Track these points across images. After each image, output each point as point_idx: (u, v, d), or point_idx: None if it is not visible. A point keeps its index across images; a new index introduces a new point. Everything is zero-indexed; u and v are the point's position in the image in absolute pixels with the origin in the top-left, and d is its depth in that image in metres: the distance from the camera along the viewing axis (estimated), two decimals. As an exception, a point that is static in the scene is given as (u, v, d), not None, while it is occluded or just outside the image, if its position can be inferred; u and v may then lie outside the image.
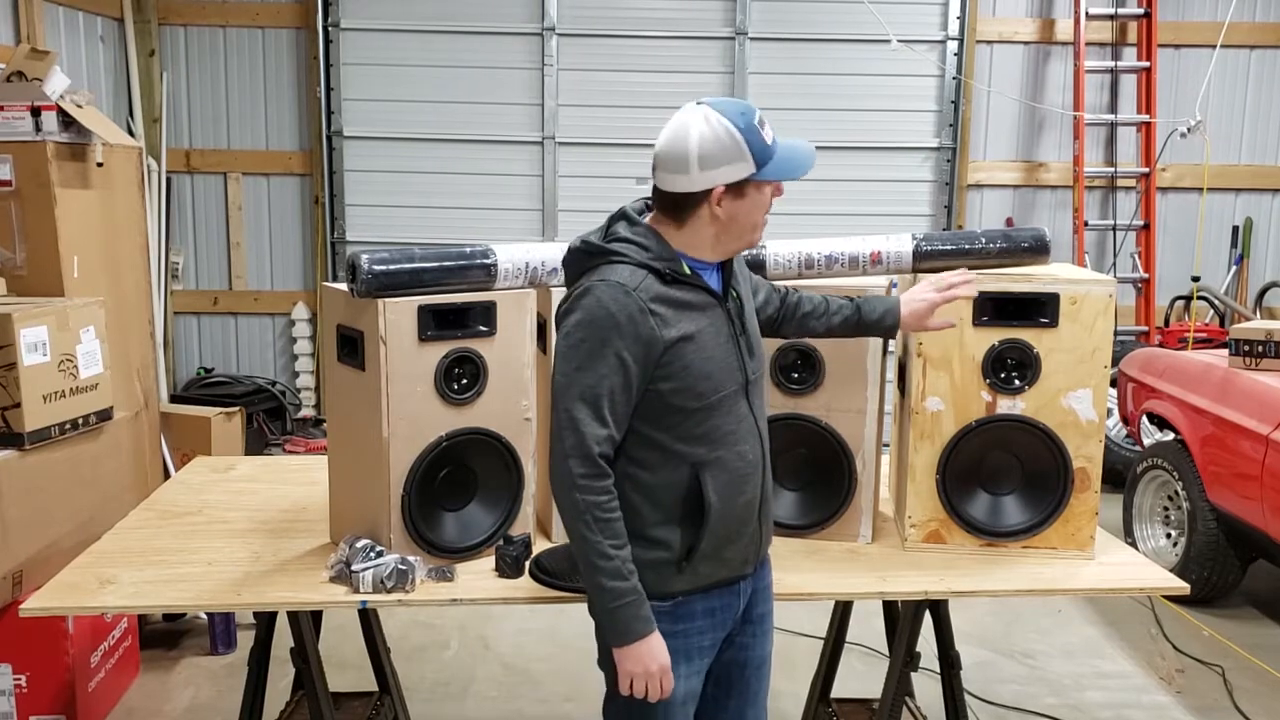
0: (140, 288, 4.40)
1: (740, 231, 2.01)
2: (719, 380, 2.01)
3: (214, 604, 2.35)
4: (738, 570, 2.12)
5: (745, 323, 2.09)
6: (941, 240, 2.65)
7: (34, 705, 3.35)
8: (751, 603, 2.19)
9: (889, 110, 6.77)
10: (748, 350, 2.08)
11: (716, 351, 2.01)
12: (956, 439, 2.57)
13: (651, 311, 1.93)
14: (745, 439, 2.06)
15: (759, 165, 1.94)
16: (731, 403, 2.04)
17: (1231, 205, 7.07)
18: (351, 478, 2.53)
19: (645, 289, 1.93)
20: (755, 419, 2.09)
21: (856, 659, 3.89)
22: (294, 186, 6.85)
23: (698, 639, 2.09)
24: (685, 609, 2.07)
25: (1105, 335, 2.52)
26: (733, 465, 2.04)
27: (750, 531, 2.10)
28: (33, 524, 3.33)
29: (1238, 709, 3.73)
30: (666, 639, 2.02)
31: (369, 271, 2.30)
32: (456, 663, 4.02)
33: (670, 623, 2.05)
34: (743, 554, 2.11)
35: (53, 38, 5.39)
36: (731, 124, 1.93)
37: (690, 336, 1.97)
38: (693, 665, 2.10)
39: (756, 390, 2.11)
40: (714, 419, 2.01)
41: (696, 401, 1.99)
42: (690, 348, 1.97)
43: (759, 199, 1.99)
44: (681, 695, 2.09)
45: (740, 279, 2.15)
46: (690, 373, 1.97)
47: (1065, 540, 2.59)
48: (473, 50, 6.67)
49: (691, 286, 1.99)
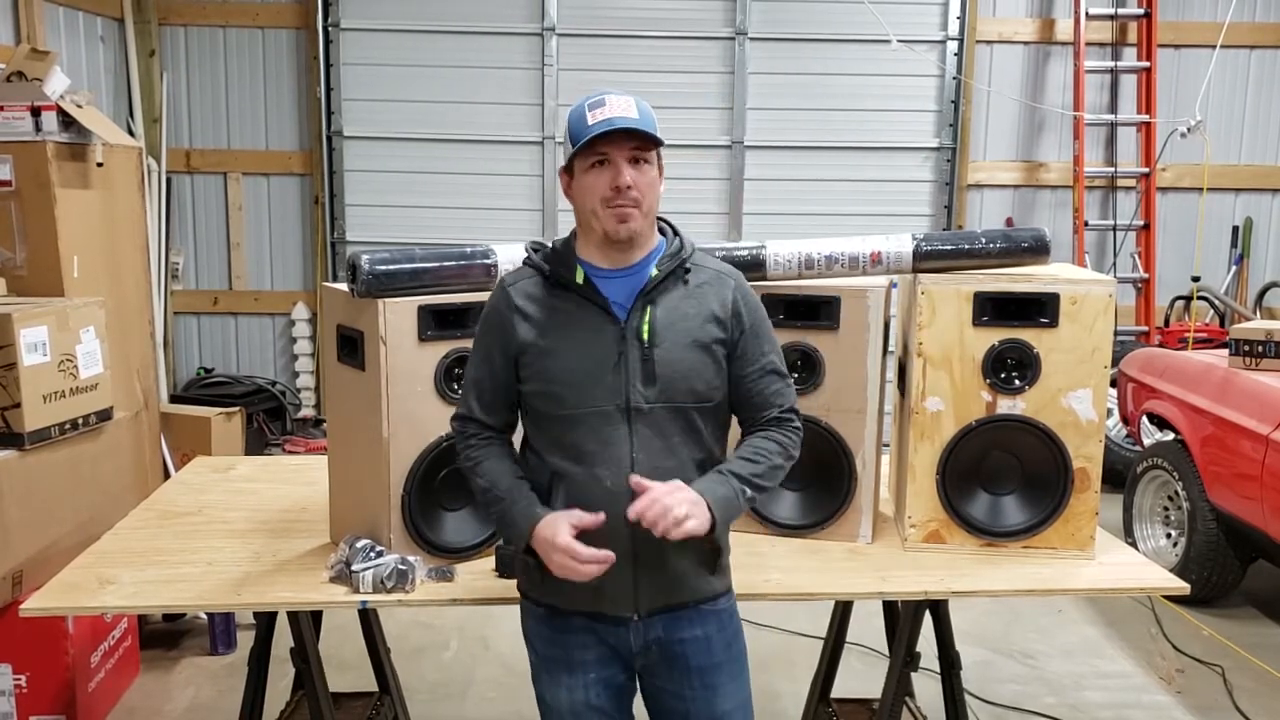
0: (140, 288, 4.40)
1: (586, 217, 1.96)
2: (581, 396, 1.93)
3: (214, 604, 2.35)
4: (607, 607, 1.98)
5: (651, 347, 1.94)
6: (941, 240, 2.65)
7: (34, 705, 3.35)
8: (676, 653, 2.03)
9: (889, 110, 6.77)
10: (642, 376, 1.93)
11: (585, 364, 1.94)
12: (956, 439, 2.57)
13: (518, 309, 1.98)
14: (606, 464, 1.93)
15: (573, 145, 1.92)
16: (598, 423, 1.94)
17: (1231, 205, 7.07)
18: (351, 478, 2.53)
19: (521, 287, 2.01)
20: (632, 448, 1.93)
21: (856, 659, 3.89)
22: (294, 186, 6.85)
23: (579, 653, 2.03)
24: (562, 620, 2.03)
25: (1105, 335, 2.52)
26: (586, 487, 1.94)
27: (616, 572, 1.91)
28: (33, 524, 3.33)
29: (1238, 709, 3.73)
30: (547, 645, 2.05)
31: (369, 271, 2.30)
32: (456, 663, 4.02)
33: (549, 628, 2.04)
34: (609, 592, 1.95)
35: (53, 38, 5.39)
36: (572, 109, 1.94)
37: (549, 342, 1.96)
38: (576, 678, 2.03)
39: (650, 421, 1.94)
40: (574, 434, 1.95)
41: (555, 409, 1.96)
42: (549, 354, 1.96)
43: (583, 181, 1.93)
44: (567, 705, 2.03)
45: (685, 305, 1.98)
46: (545, 378, 1.96)
47: (1065, 540, 2.59)
48: (473, 50, 6.67)
49: (579, 296, 1.96)
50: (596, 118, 1.89)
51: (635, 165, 1.92)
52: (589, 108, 1.91)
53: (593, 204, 1.92)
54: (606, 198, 1.91)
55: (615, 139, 1.89)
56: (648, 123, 1.92)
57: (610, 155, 1.90)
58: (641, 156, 1.93)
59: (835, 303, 2.57)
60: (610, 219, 1.92)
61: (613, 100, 1.92)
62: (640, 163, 1.92)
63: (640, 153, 1.92)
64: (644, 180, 1.93)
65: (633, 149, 1.91)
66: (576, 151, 1.91)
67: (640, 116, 1.91)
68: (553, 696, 2.06)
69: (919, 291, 2.55)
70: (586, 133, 1.89)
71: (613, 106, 1.90)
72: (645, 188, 1.93)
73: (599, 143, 1.89)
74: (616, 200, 1.91)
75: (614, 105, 1.91)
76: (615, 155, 1.90)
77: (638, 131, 1.90)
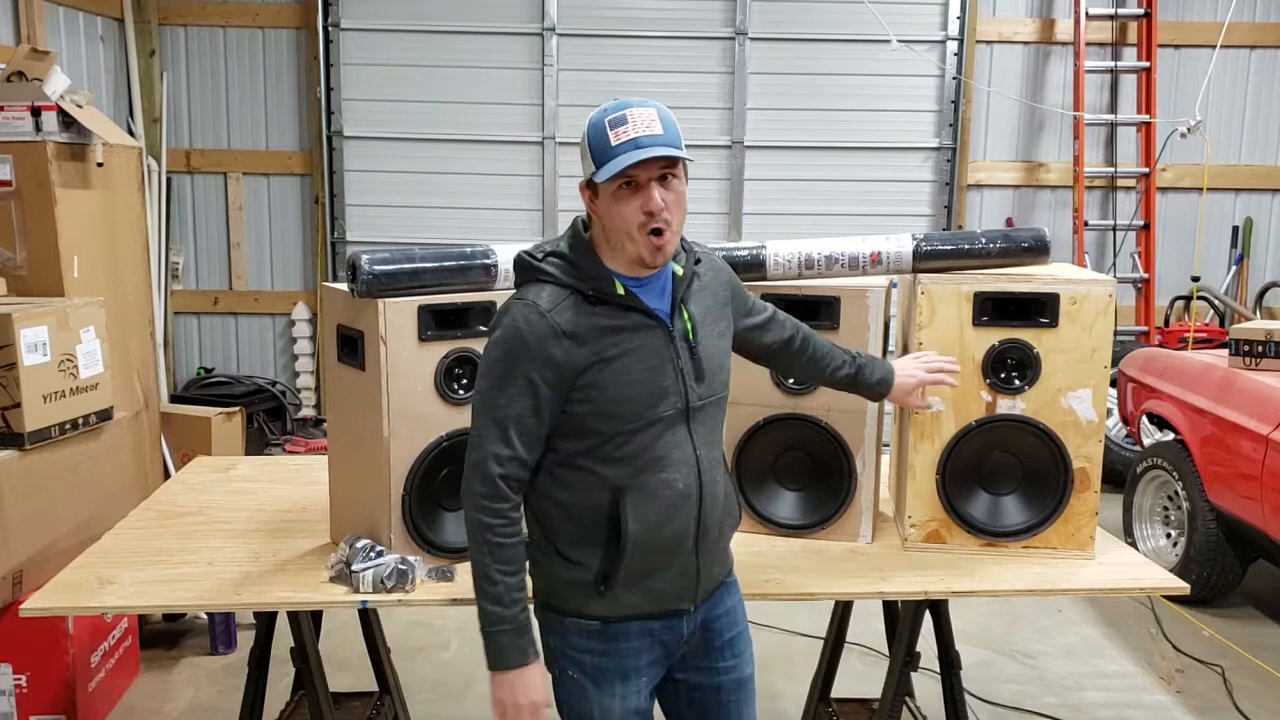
0: (140, 288, 4.40)
1: (617, 239, 1.87)
2: (643, 405, 1.90)
3: (214, 604, 2.35)
4: (669, 604, 2.01)
5: (696, 346, 1.95)
6: (941, 240, 2.65)
7: (34, 705, 3.35)
8: (714, 630, 2.08)
9: (889, 110, 6.77)
10: (694, 375, 1.94)
11: (645, 375, 1.90)
12: (956, 439, 2.57)
13: (566, 334, 1.86)
14: (675, 467, 1.93)
15: (597, 166, 1.83)
16: (662, 428, 1.92)
17: (1231, 205, 7.07)
18: (351, 478, 2.53)
19: (562, 311, 1.87)
20: (695, 447, 1.95)
21: (856, 659, 3.89)
22: (294, 186, 6.85)
23: (633, 659, 2.01)
24: (616, 629, 1.99)
25: (1105, 335, 2.52)
26: (658, 493, 1.92)
27: (681, 564, 1.98)
28: (33, 524, 3.33)
29: (1238, 709, 3.73)
30: (599, 658, 1.99)
31: (369, 271, 2.30)
32: (456, 663, 4.02)
33: (600, 641, 1.99)
34: (674, 587, 1.99)
35: (53, 38, 5.39)
36: (591, 122, 1.86)
37: (608, 360, 1.88)
38: (629, 685, 2.01)
39: (703, 417, 1.97)
40: (637, 443, 1.91)
41: (616, 425, 1.90)
42: (608, 372, 1.88)
43: (611, 204, 1.84)
44: (619, 713, 2.01)
45: (704, 296, 2.01)
46: (607, 397, 1.89)
47: (1065, 540, 2.59)
48: (473, 50, 6.67)
49: (621, 308, 1.90)
50: (620, 137, 1.80)
51: (664, 184, 1.84)
52: (610, 125, 1.82)
53: (627, 228, 1.84)
54: (642, 223, 1.83)
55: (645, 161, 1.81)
56: (673, 137, 1.83)
57: (638, 178, 1.82)
58: (671, 174, 1.85)
59: (835, 303, 2.56)
60: (647, 247, 1.85)
61: (635, 116, 1.82)
62: (669, 179, 1.85)
63: (670, 170, 1.84)
64: (673, 198, 1.85)
65: (662, 168, 1.83)
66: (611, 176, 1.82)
67: (665, 131, 1.82)
68: (603, 709, 2.01)
69: (919, 291, 2.55)
70: (612, 156, 1.80)
71: (636, 123, 1.81)
72: (675, 206, 1.86)
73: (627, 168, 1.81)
74: (651, 224, 1.83)
75: (637, 122, 1.81)
76: (644, 177, 1.82)
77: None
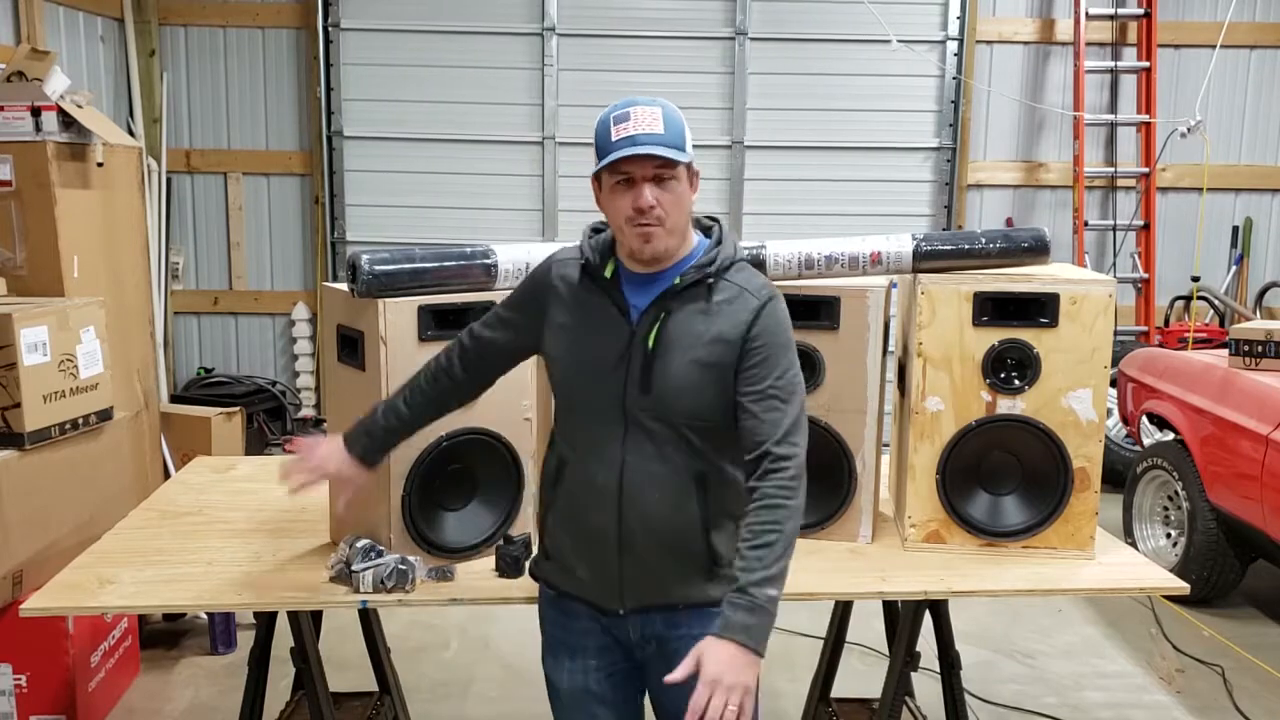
0: (140, 288, 4.40)
1: (616, 230, 1.94)
2: (582, 386, 1.98)
3: (214, 604, 2.35)
4: (594, 597, 2.02)
5: (652, 357, 1.91)
6: (941, 240, 2.65)
7: (34, 705, 3.35)
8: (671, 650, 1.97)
9: (889, 110, 6.76)
10: (640, 383, 1.92)
11: (592, 359, 1.95)
12: (956, 439, 2.57)
13: (553, 286, 2.03)
14: (601, 462, 1.95)
15: (598, 159, 1.89)
16: (596, 418, 1.96)
17: (1231, 205, 7.07)
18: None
19: (566, 266, 2.03)
20: (624, 452, 1.93)
21: (856, 659, 3.89)
22: (294, 186, 6.85)
23: (581, 639, 2.07)
24: (567, 604, 2.08)
25: (1105, 335, 2.52)
26: (583, 479, 1.99)
27: (601, 561, 1.98)
28: (33, 524, 3.33)
29: (1238, 709, 3.73)
30: (552, 626, 2.12)
31: (369, 271, 2.30)
32: (456, 663, 4.02)
33: (555, 610, 2.11)
34: (596, 582, 2.00)
35: (53, 38, 5.39)
36: (600, 116, 1.91)
37: (568, 329, 2.00)
38: (576, 662, 2.08)
39: (642, 427, 1.93)
40: (576, 422, 2.02)
41: (563, 396, 2.05)
42: (566, 340, 2.00)
43: (609, 197, 1.90)
44: (567, 687, 2.09)
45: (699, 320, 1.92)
46: (559, 365, 2.03)
47: (1065, 540, 2.59)
48: (473, 50, 6.66)
49: (602, 289, 1.97)
50: (620, 133, 1.84)
51: (660, 183, 1.86)
52: (614, 120, 1.87)
53: (619, 221, 1.91)
54: (630, 217, 1.88)
55: (638, 158, 1.84)
56: (673, 138, 1.86)
57: (633, 174, 1.86)
58: (666, 174, 1.86)
59: (835, 303, 2.57)
60: (635, 238, 1.89)
61: (638, 114, 1.86)
62: (665, 180, 1.87)
63: (665, 170, 1.86)
64: (668, 198, 1.87)
65: (656, 167, 1.85)
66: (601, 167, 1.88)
67: (666, 131, 1.85)
68: (556, 678, 2.12)
69: (919, 291, 2.55)
70: (610, 151, 1.85)
71: (637, 121, 1.85)
72: (670, 205, 1.87)
73: (621, 162, 1.85)
74: (639, 220, 1.87)
75: (639, 120, 1.85)
76: (638, 174, 1.85)
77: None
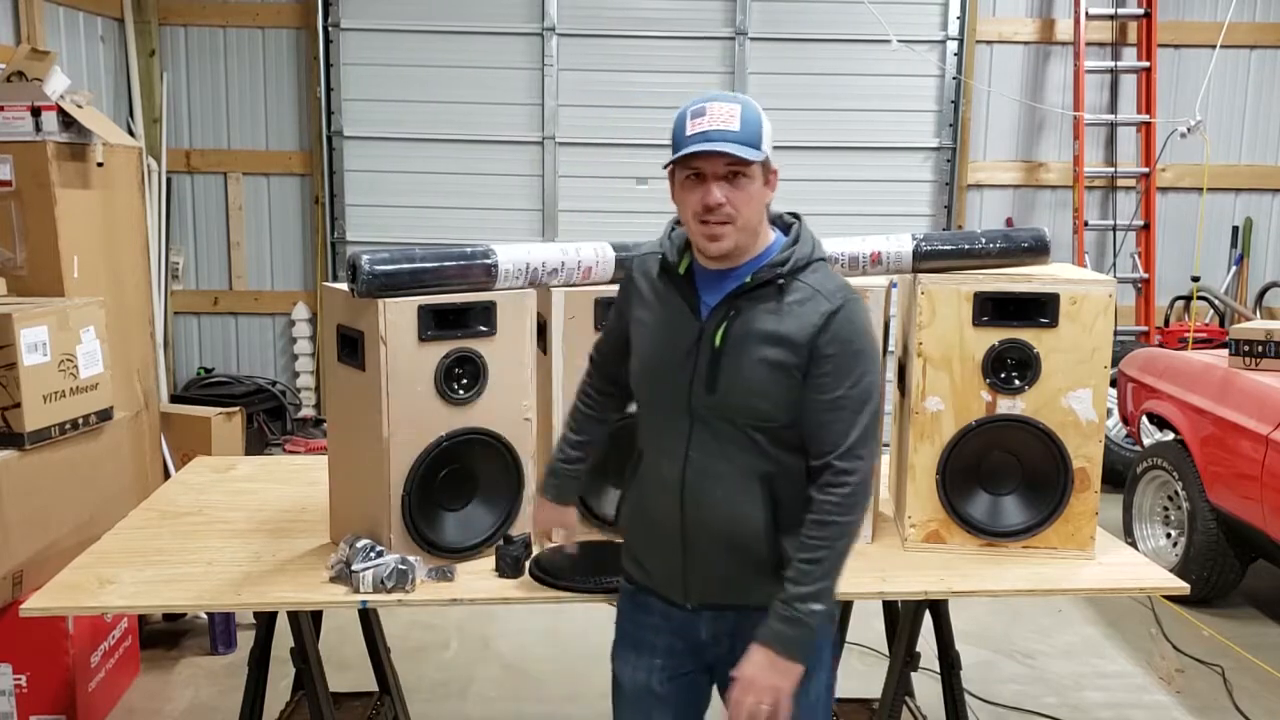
0: (140, 288, 4.40)
1: (687, 226, 1.93)
2: (655, 384, 2.00)
3: (214, 604, 2.35)
4: (662, 589, 2.03)
5: (718, 355, 1.90)
6: (941, 240, 2.65)
7: (34, 705, 3.35)
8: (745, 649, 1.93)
9: (889, 110, 6.77)
10: (706, 380, 1.91)
11: (663, 353, 1.96)
12: (956, 439, 2.57)
13: (635, 281, 2.07)
14: (666, 455, 1.97)
15: (673, 152, 1.89)
16: (664, 413, 1.97)
17: (1231, 205, 7.07)
18: (351, 478, 2.53)
19: (643, 263, 2.07)
20: (688, 447, 1.94)
21: (856, 659, 3.89)
22: (294, 186, 6.85)
23: (651, 635, 2.06)
24: (642, 599, 2.08)
25: (1105, 335, 2.52)
26: (650, 470, 2.02)
27: (667, 551, 1.99)
28: (33, 524, 3.33)
29: (1238, 709, 3.73)
30: (625, 620, 2.13)
31: (369, 271, 2.30)
32: (456, 663, 4.02)
33: (630, 604, 2.12)
34: (663, 573, 2.02)
35: (53, 38, 5.39)
36: (680, 109, 1.90)
37: (644, 322, 2.02)
38: (642, 659, 2.06)
39: (707, 424, 1.93)
40: (647, 417, 2.06)
41: (638, 388, 2.07)
42: (641, 333, 2.03)
43: (679, 190, 1.90)
44: (630, 684, 2.08)
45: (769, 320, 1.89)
46: (635, 359, 2.05)
47: (1065, 540, 2.59)
48: (473, 50, 6.67)
49: (675, 284, 1.97)
50: (695, 128, 1.83)
51: (731, 180, 1.84)
52: (691, 115, 1.85)
53: (687, 216, 1.89)
54: (697, 213, 1.86)
55: (710, 154, 1.83)
56: (748, 136, 1.83)
57: (704, 170, 1.84)
58: (739, 171, 1.84)
59: (835, 303, 2.56)
60: (701, 235, 1.88)
61: (715, 110, 1.84)
62: (738, 177, 1.84)
63: (738, 167, 1.84)
64: (740, 196, 1.85)
65: (729, 165, 1.83)
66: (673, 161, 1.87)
67: (742, 129, 1.83)
68: (620, 672, 2.12)
69: (919, 291, 2.55)
70: (683, 144, 1.84)
71: (713, 117, 1.83)
72: (741, 203, 1.85)
73: (693, 158, 1.83)
74: (706, 217, 1.85)
75: (715, 115, 1.83)
76: (709, 171, 1.84)
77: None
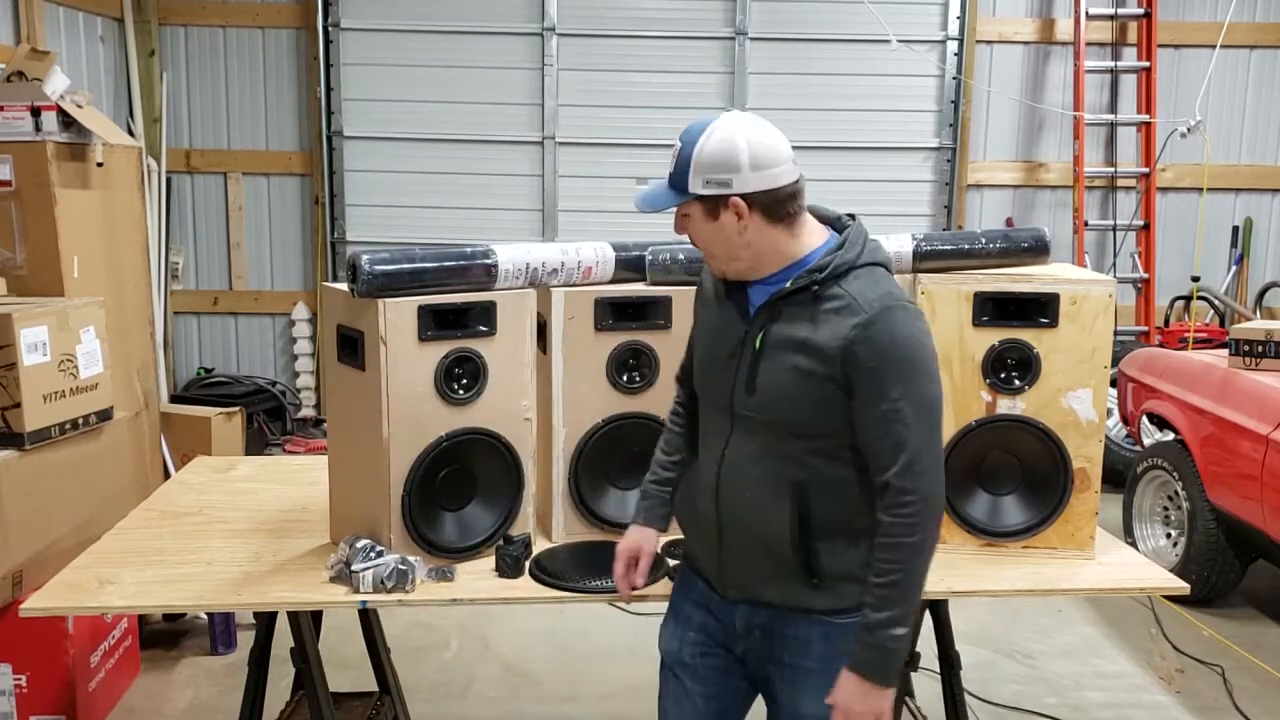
0: (140, 288, 4.40)
1: None
2: (703, 384, 2.07)
3: (214, 604, 2.35)
4: (706, 573, 2.09)
5: (759, 360, 1.91)
6: (941, 240, 2.65)
7: (34, 705, 3.35)
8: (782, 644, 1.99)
9: (889, 110, 6.77)
10: (745, 383, 1.93)
11: (713, 354, 2.02)
12: (956, 439, 2.57)
13: (702, 284, 2.12)
14: (708, 456, 2.03)
15: None
16: (712, 413, 2.05)
17: (1231, 205, 7.08)
18: (351, 478, 2.53)
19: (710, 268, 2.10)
20: (726, 445, 1.97)
21: (856, 659, 3.89)
22: (294, 186, 6.85)
23: (689, 609, 2.13)
24: (692, 578, 2.14)
25: (1105, 335, 2.52)
26: (697, 468, 2.10)
27: (706, 548, 2.05)
28: (33, 524, 3.33)
29: (1238, 709, 3.73)
30: (676, 590, 2.19)
31: (369, 271, 2.30)
32: (456, 663, 4.02)
33: (684, 578, 2.18)
34: (706, 563, 2.08)
35: (53, 38, 5.39)
36: None
37: (702, 323, 2.10)
38: (680, 629, 2.14)
39: (749, 428, 1.94)
40: (702, 411, 2.11)
41: (696, 384, 2.12)
42: (699, 334, 2.11)
43: None
44: (667, 651, 2.16)
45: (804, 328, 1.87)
46: (695, 353, 2.12)
47: (1065, 540, 2.58)
48: (473, 50, 6.67)
49: (731, 289, 2.01)
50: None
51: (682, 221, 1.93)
52: None
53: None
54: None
55: None
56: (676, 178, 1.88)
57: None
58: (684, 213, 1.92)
59: (835, 303, 2.56)
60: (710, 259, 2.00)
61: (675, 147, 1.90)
62: (684, 218, 1.92)
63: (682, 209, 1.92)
64: (698, 235, 1.93)
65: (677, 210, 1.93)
66: None
67: (673, 171, 1.89)
68: (663, 640, 2.18)
69: (919, 291, 2.55)
70: None
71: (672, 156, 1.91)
72: (704, 241, 1.93)
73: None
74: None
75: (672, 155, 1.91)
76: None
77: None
